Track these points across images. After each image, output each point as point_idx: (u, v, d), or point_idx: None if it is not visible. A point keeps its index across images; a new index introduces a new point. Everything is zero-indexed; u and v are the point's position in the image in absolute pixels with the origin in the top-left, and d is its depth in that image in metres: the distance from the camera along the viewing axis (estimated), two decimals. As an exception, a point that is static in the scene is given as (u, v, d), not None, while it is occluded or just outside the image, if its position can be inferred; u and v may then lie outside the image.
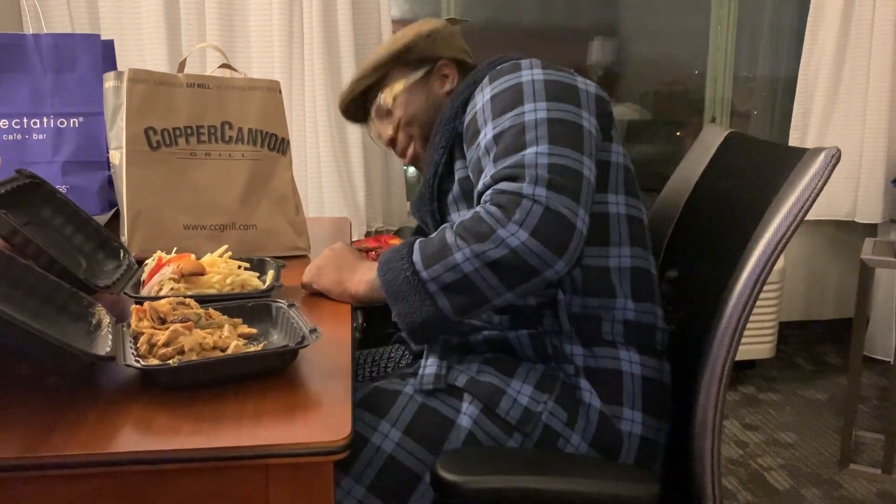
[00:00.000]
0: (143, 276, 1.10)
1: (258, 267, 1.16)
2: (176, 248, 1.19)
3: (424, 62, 1.26)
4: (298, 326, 0.89)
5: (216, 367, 0.82)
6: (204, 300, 0.97)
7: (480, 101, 1.09)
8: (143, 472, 0.71)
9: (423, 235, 1.15)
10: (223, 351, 0.85)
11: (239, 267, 1.12)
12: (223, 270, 1.10)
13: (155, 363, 0.81)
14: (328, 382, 0.84)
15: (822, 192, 0.95)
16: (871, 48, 2.77)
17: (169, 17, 2.40)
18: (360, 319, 1.45)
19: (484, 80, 1.11)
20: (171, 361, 0.81)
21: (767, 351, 2.78)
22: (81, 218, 1.16)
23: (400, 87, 1.25)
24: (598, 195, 1.07)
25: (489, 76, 1.10)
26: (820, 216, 2.93)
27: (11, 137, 1.44)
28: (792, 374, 2.92)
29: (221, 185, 1.32)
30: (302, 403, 0.79)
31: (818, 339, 3.19)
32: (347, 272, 1.11)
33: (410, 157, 1.28)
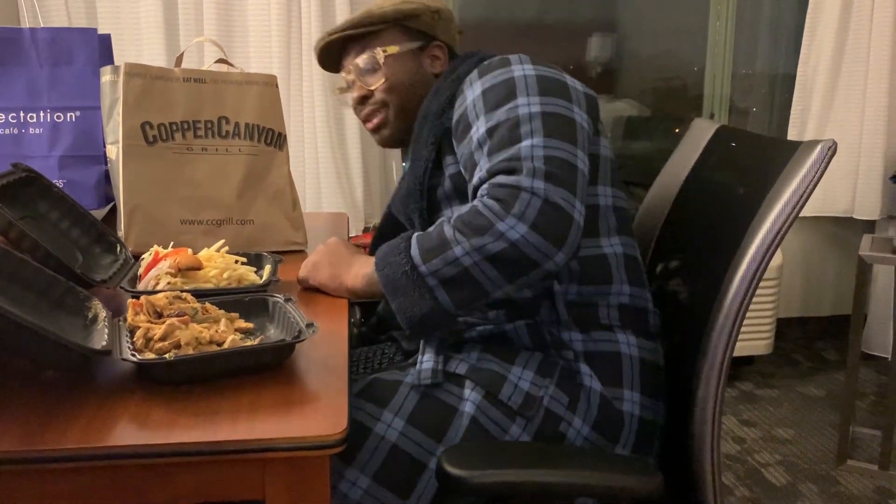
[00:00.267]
0: (139, 270, 1.10)
1: (255, 262, 1.16)
2: (173, 242, 1.19)
3: (421, 36, 1.25)
4: (295, 321, 0.89)
5: (212, 361, 0.82)
6: (200, 295, 0.97)
7: (471, 95, 1.08)
8: (139, 465, 0.71)
9: (392, 234, 1.15)
10: (220, 345, 0.84)
11: (236, 262, 1.12)
12: (220, 265, 1.09)
13: (151, 357, 0.81)
14: (325, 377, 0.84)
15: (818, 184, 0.95)
16: (869, 45, 2.77)
17: (167, 11, 2.40)
18: (357, 315, 1.45)
19: (472, 74, 1.11)
20: (167, 356, 0.81)
21: (765, 347, 2.79)
22: (78, 212, 1.16)
23: (395, 49, 1.23)
24: (589, 188, 1.07)
25: (478, 71, 1.10)
26: (818, 212, 2.93)
27: (8, 132, 1.44)
28: (789, 370, 2.92)
29: (218, 179, 1.31)
30: (298, 397, 0.79)
31: (816, 335, 3.20)
32: (343, 267, 1.11)
33: (378, 123, 1.25)
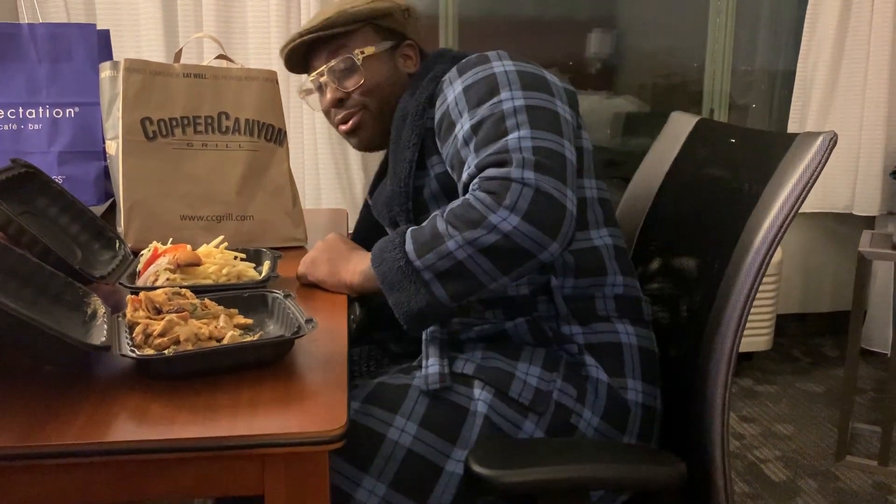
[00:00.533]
0: (138, 266, 1.10)
1: (254, 257, 1.16)
2: (172, 238, 1.19)
3: (393, 35, 1.23)
4: (294, 317, 0.89)
5: (211, 357, 0.82)
6: (200, 291, 0.97)
7: (451, 94, 1.07)
8: (138, 461, 0.71)
9: (369, 237, 1.15)
10: (219, 341, 0.85)
11: (235, 258, 1.12)
12: (219, 261, 1.09)
13: (150, 353, 0.81)
14: (324, 372, 0.84)
15: (819, 177, 0.95)
16: (869, 41, 2.77)
17: (166, 7, 2.40)
18: (357, 310, 1.45)
19: (450, 73, 1.10)
20: (166, 351, 0.81)
21: (764, 343, 2.79)
22: (77, 208, 1.16)
23: (372, 50, 1.20)
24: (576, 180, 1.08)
25: (456, 69, 1.09)
26: (817, 208, 2.93)
27: (7, 128, 1.44)
28: (789, 366, 2.92)
29: (218, 175, 1.31)
30: (298, 393, 0.79)
31: (815, 331, 3.20)
32: (342, 263, 1.10)
33: (354, 125, 1.22)
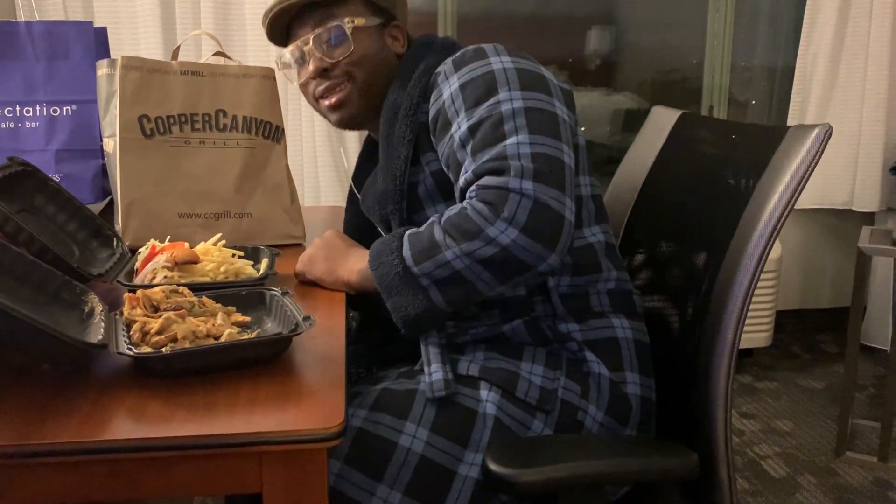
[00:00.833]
0: (136, 264, 1.10)
1: (252, 255, 1.16)
2: (170, 236, 1.19)
3: (382, 13, 1.20)
4: (292, 314, 0.89)
5: (209, 354, 0.82)
6: (197, 288, 0.97)
7: (447, 90, 1.04)
8: (135, 459, 0.71)
9: (358, 236, 1.15)
10: (216, 339, 0.84)
11: (233, 255, 1.12)
12: (217, 259, 1.09)
13: (148, 351, 0.81)
14: (322, 370, 0.84)
15: (814, 171, 0.94)
16: (869, 36, 2.76)
17: (163, 4, 2.39)
18: (356, 310, 1.45)
19: (445, 67, 1.07)
20: (163, 349, 0.81)
21: (764, 340, 2.79)
22: (74, 206, 1.16)
23: (362, 21, 1.17)
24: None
25: (452, 63, 1.06)
26: (817, 204, 2.92)
27: (4, 126, 1.44)
28: (788, 362, 2.92)
29: (216, 173, 1.31)
30: (295, 391, 0.79)
31: (815, 327, 3.20)
32: (340, 260, 1.10)
33: (339, 99, 1.17)
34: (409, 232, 0.99)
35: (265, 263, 1.12)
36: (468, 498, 0.96)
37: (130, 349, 0.80)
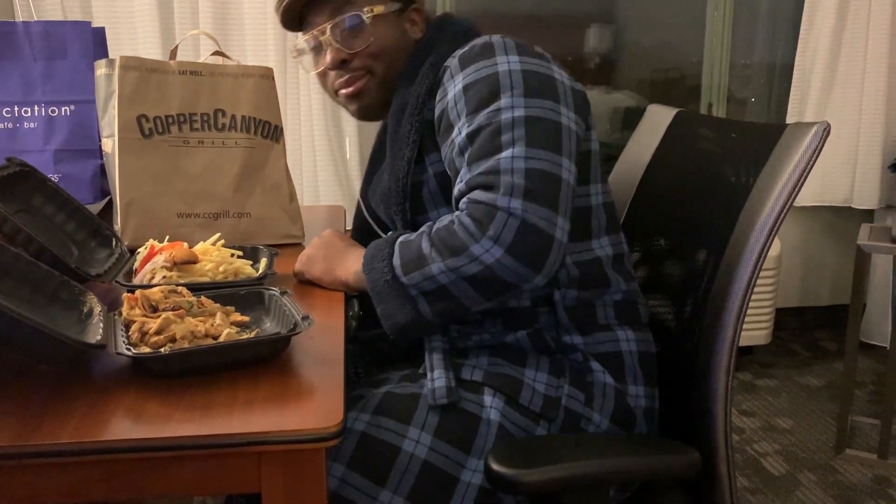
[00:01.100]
0: (135, 264, 1.10)
1: (251, 255, 1.16)
2: (169, 236, 1.19)
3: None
4: (291, 314, 0.89)
5: (208, 354, 0.82)
6: (196, 288, 0.97)
7: (452, 90, 1.01)
8: (134, 459, 0.71)
9: (368, 230, 1.14)
10: (215, 339, 0.84)
11: (232, 255, 1.12)
12: (216, 258, 1.09)
13: (146, 351, 0.81)
14: (321, 370, 0.84)
15: (812, 169, 0.94)
16: (867, 34, 2.76)
17: (161, 3, 2.39)
18: (356, 307, 1.44)
19: (452, 63, 1.03)
20: (162, 349, 0.81)
21: (764, 337, 2.79)
22: (73, 206, 1.16)
23: (381, 9, 1.12)
24: (580, 188, 1.04)
25: (459, 60, 1.02)
26: (816, 202, 2.92)
27: (2, 126, 1.44)
28: (788, 360, 2.92)
29: (215, 172, 1.31)
30: (294, 390, 0.79)
31: (814, 325, 3.20)
32: (337, 260, 1.10)
33: (357, 90, 1.14)
34: (400, 239, 0.98)
35: (264, 263, 1.12)
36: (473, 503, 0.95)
37: (129, 349, 0.80)
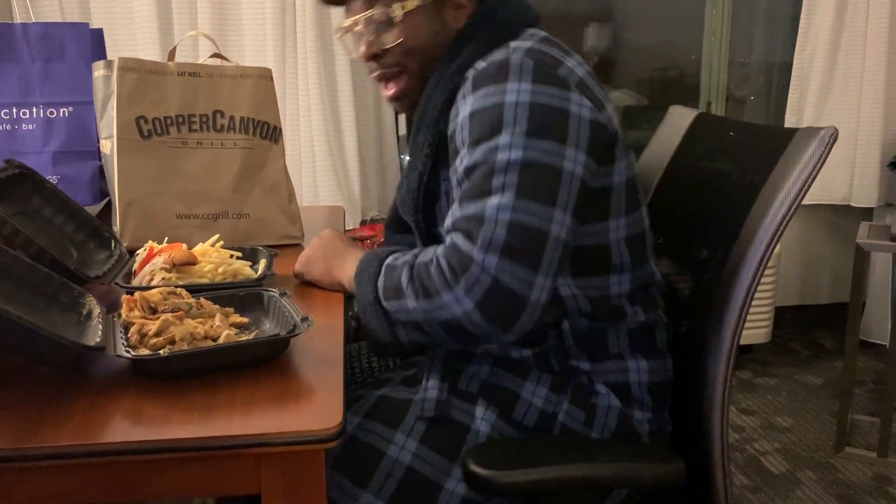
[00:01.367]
0: (134, 265, 1.10)
1: (250, 256, 1.16)
2: (168, 237, 1.19)
3: None
4: (290, 315, 0.89)
5: (207, 356, 0.82)
6: (195, 290, 0.97)
7: (463, 111, 0.96)
8: (133, 461, 0.71)
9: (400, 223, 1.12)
10: (214, 340, 0.84)
11: (231, 256, 1.12)
12: (215, 260, 1.09)
13: (146, 353, 0.81)
14: (320, 371, 0.84)
15: (819, 173, 0.94)
16: (866, 32, 2.76)
17: (160, 5, 2.39)
18: (355, 308, 1.44)
19: (467, 83, 0.97)
20: (161, 351, 0.81)
21: (763, 335, 2.79)
22: (72, 208, 1.16)
23: (415, 3, 1.04)
24: (596, 225, 0.99)
25: (472, 81, 0.96)
26: (815, 200, 2.92)
27: (1, 128, 1.44)
28: (788, 358, 2.92)
29: (213, 173, 1.31)
30: (294, 392, 0.79)
31: (814, 323, 3.20)
32: (336, 262, 1.09)
33: (397, 91, 1.10)
34: (388, 261, 0.97)
35: (263, 264, 1.12)
36: None
37: (128, 351, 0.80)
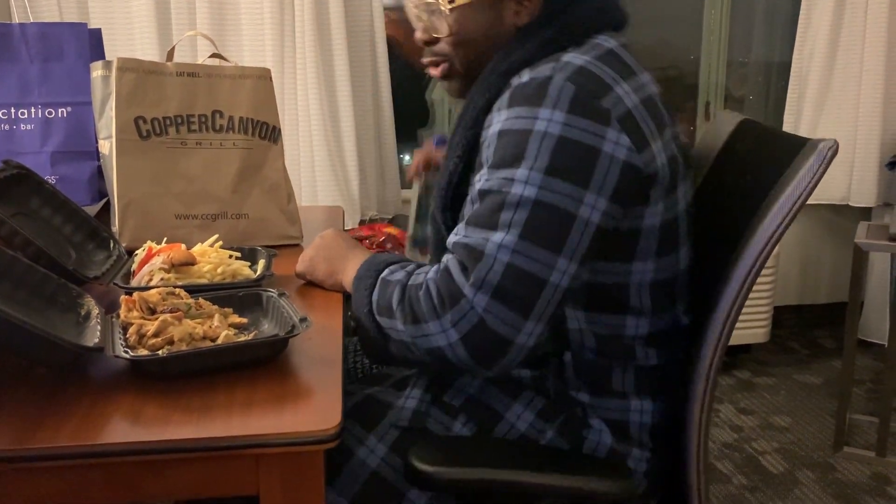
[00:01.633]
0: (133, 266, 1.10)
1: (249, 256, 1.16)
2: (167, 237, 1.19)
3: None
4: (289, 315, 0.89)
5: (206, 357, 0.82)
6: (194, 290, 0.97)
7: (493, 126, 0.92)
8: (132, 462, 0.71)
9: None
10: (213, 341, 0.84)
11: (230, 256, 1.12)
12: (214, 260, 1.09)
13: (144, 354, 0.81)
14: (319, 371, 0.84)
15: (816, 185, 0.92)
16: (865, 32, 2.76)
17: (159, 5, 2.39)
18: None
19: (504, 97, 0.93)
20: (160, 352, 0.81)
21: (762, 335, 2.79)
22: (70, 208, 1.16)
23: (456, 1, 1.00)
24: (617, 265, 0.95)
25: (510, 94, 0.91)
26: (814, 200, 2.91)
27: (-1, 128, 1.44)
28: (786, 357, 2.93)
29: (213, 174, 1.31)
30: (292, 393, 0.79)
31: (813, 322, 3.20)
32: (339, 263, 1.09)
33: (442, 72, 1.07)
34: (383, 275, 0.96)
35: (262, 264, 1.12)
36: None
37: (127, 352, 0.80)
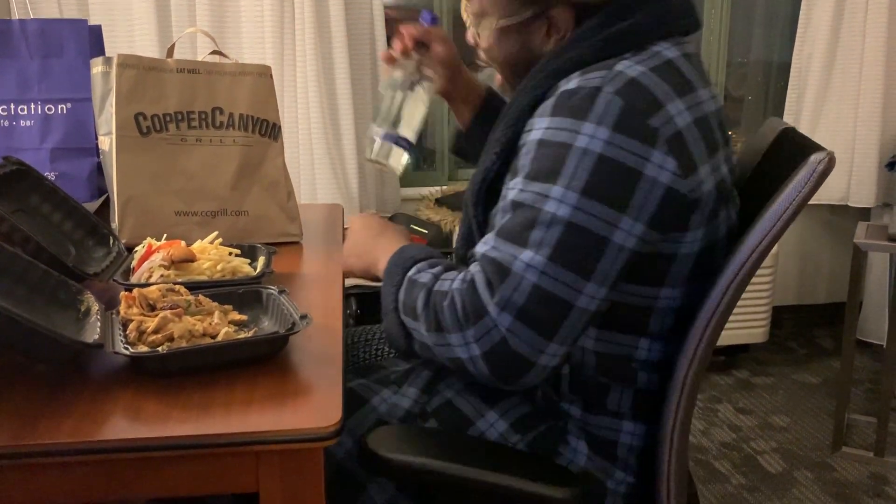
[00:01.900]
0: (132, 263, 1.10)
1: (249, 253, 1.16)
2: (167, 234, 1.19)
3: (532, 4, 0.96)
4: (289, 313, 0.89)
5: (206, 353, 0.82)
6: (194, 287, 0.97)
7: (534, 133, 0.89)
8: (132, 459, 0.71)
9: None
10: (213, 338, 0.84)
11: (230, 253, 1.12)
12: (214, 257, 1.09)
13: (144, 350, 0.81)
14: (319, 369, 0.84)
15: (807, 200, 0.92)
16: (864, 32, 2.76)
17: (159, 2, 2.38)
18: (353, 306, 1.45)
19: (548, 102, 0.89)
20: (160, 349, 0.81)
21: (761, 335, 2.79)
22: (70, 205, 1.15)
23: (491, 24, 0.99)
24: (645, 289, 0.92)
25: (556, 100, 0.88)
26: (813, 200, 2.89)
27: (-1, 124, 1.43)
28: (785, 357, 2.93)
29: (212, 171, 1.31)
30: (292, 390, 0.79)
31: (811, 322, 3.20)
32: (369, 258, 1.06)
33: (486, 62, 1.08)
34: (410, 273, 0.94)
35: (262, 261, 1.12)
36: None
37: (127, 349, 0.80)
